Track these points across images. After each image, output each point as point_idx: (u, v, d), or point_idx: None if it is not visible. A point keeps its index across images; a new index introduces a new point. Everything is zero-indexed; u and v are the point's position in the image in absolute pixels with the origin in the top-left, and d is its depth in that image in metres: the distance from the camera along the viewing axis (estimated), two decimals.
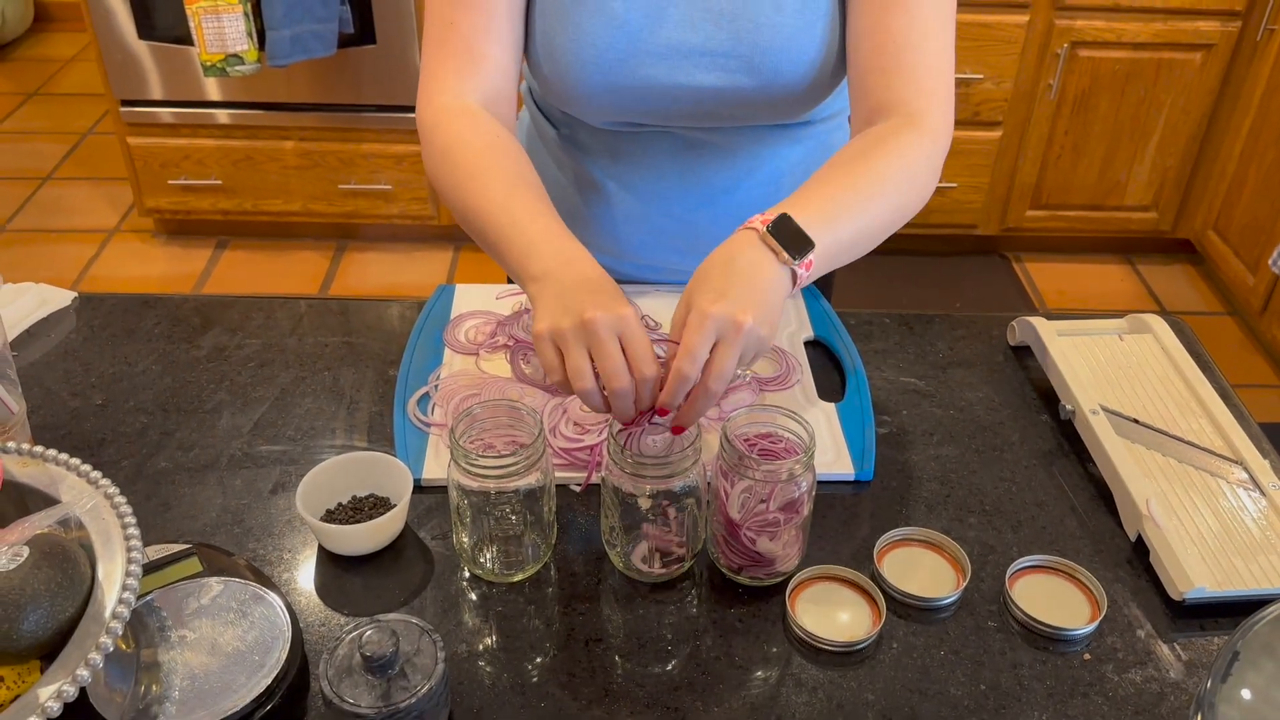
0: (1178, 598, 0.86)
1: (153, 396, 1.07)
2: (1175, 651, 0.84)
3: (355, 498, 0.92)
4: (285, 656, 0.76)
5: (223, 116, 2.80)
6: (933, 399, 1.09)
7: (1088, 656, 0.84)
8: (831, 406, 1.05)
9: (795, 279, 0.85)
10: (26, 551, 0.70)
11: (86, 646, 0.67)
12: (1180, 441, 0.99)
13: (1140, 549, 0.92)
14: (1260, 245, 2.66)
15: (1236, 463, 0.97)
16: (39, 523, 0.74)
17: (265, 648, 0.76)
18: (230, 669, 0.75)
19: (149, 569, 0.80)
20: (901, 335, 1.18)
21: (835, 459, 0.99)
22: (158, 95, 2.77)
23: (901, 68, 0.98)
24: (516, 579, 0.89)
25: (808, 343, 1.15)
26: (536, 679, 0.81)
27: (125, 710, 0.72)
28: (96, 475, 0.78)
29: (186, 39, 2.61)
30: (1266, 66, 2.62)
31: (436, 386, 1.06)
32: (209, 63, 2.47)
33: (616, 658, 0.83)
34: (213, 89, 2.76)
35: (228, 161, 2.87)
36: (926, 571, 0.89)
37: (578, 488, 0.97)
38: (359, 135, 2.84)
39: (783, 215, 0.86)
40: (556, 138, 1.17)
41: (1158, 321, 1.14)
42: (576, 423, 1.00)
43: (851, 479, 0.98)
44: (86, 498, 0.77)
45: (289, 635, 0.77)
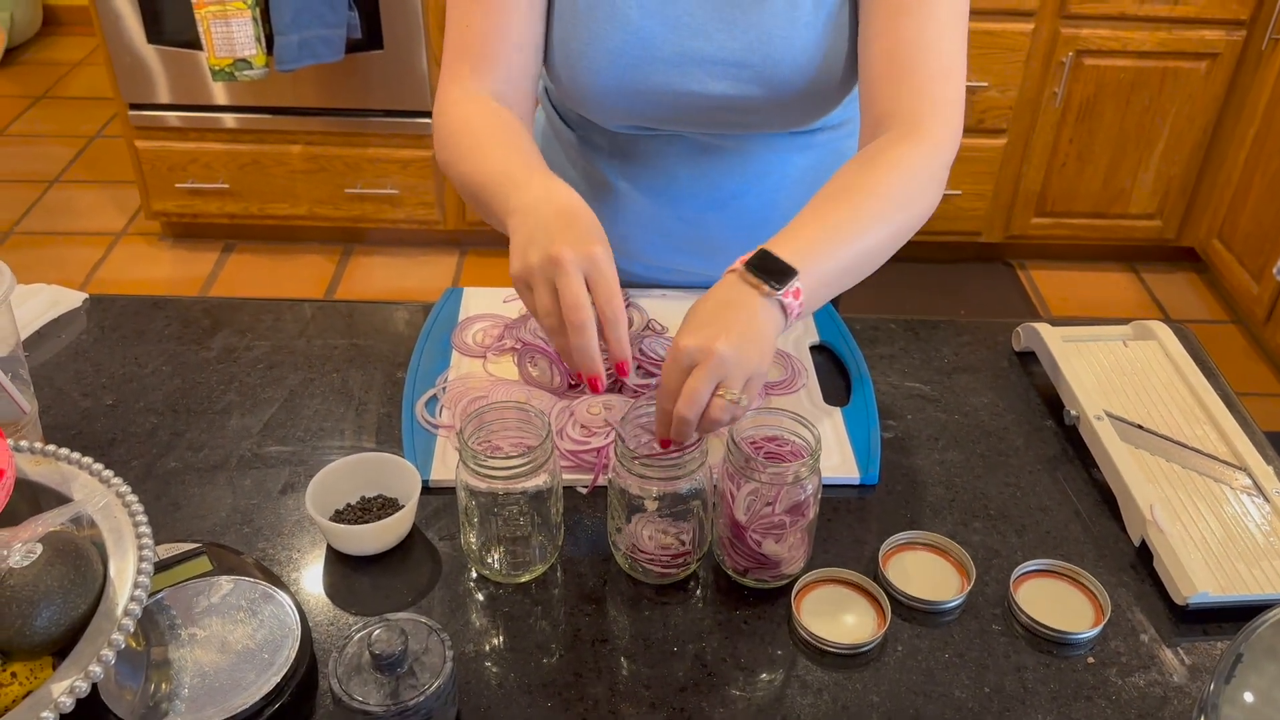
0: (1181, 602, 0.87)
1: (163, 397, 1.08)
2: (1179, 656, 0.85)
3: (364, 498, 0.93)
4: (294, 655, 0.76)
5: (230, 121, 2.82)
6: (938, 404, 1.10)
7: (1091, 660, 0.84)
8: (837, 411, 1.06)
9: (786, 309, 0.85)
10: (40, 549, 0.71)
11: (99, 643, 0.68)
12: (1184, 447, 1.00)
13: (1144, 554, 0.92)
14: (1264, 254, 2.66)
15: (1240, 469, 0.98)
16: (52, 520, 0.74)
17: (274, 646, 0.77)
18: (240, 667, 0.75)
19: (159, 568, 0.81)
20: (907, 340, 1.19)
21: (840, 463, 1.00)
22: (165, 99, 2.78)
23: (908, 75, 0.98)
24: (523, 580, 0.89)
25: (813, 348, 1.15)
26: (543, 679, 0.81)
27: (136, 707, 0.73)
28: (108, 474, 0.79)
29: (195, 43, 2.63)
30: (1271, 75, 2.63)
31: (444, 389, 1.07)
32: (217, 67, 2.48)
33: (622, 659, 0.83)
34: (220, 93, 2.77)
35: (235, 165, 2.88)
36: (931, 575, 0.90)
37: (585, 490, 0.97)
38: (365, 140, 2.85)
39: (762, 251, 0.86)
40: (571, 138, 1.18)
41: (1162, 328, 1.14)
42: (584, 425, 1.00)
43: (856, 483, 0.99)
44: (98, 496, 0.77)
45: (298, 634, 0.78)
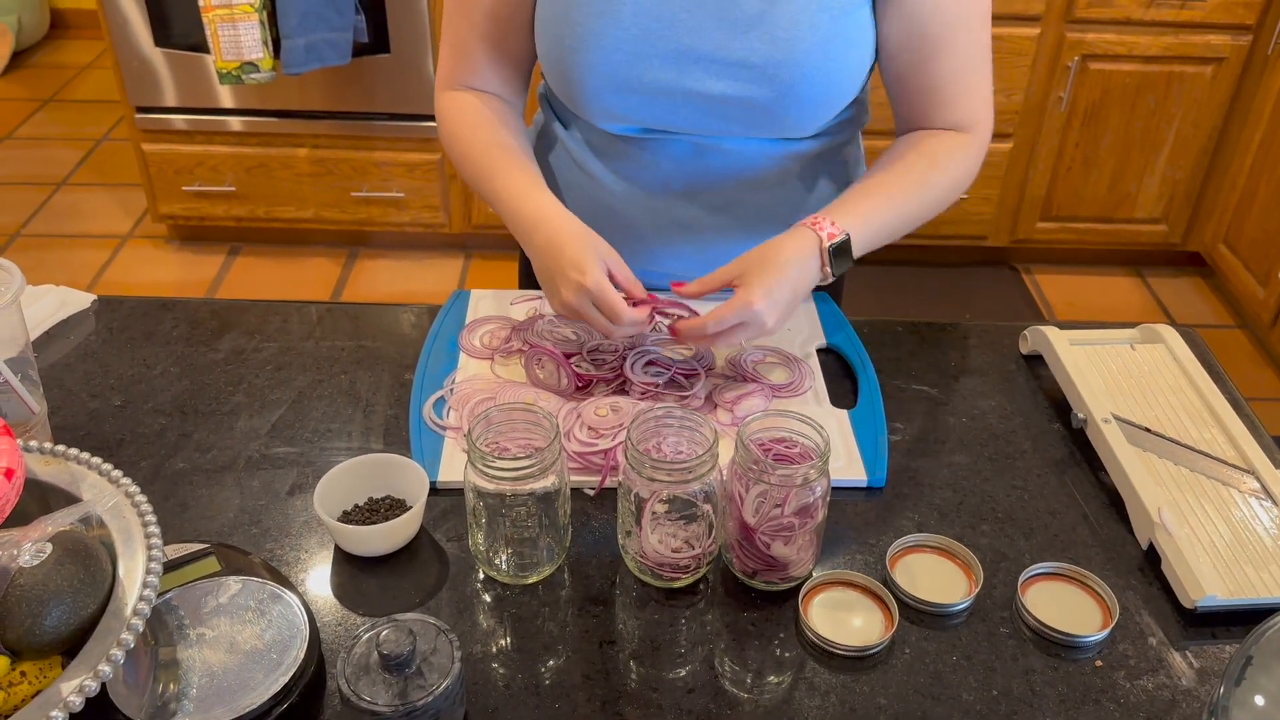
0: (1189, 606, 0.87)
1: (171, 398, 1.08)
2: (1187, 659, 0.84)
3: (372, 499, 0.93)
4: (303, 655, 0.77)
5: (237, 124, 2.82)
6: (945, 407, 1.10)
7: (1099, 663, 0.84)
8: (844, 413, 1.06)
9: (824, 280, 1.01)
10: (49, 548, 0.71)
11: (108, 643, 0.68)
12: (1192, 450, 1.00)
13: (1152, 557, 0.92)
14: (1270, 258, 2.66)
15: (1249, 472, 0.98)
16: (61, 520, 0.74)
17: (283, 646, 0.77)
18: (248, 667, 0.76)
19: (168, 568, 0.81)
20: (914, 343, 1.19)
21: (848, 465, 1.00)
22: (172, 102, 2.79)
23: (950, 102, 1.09)
24: (531, 581, 0.89)
25: (820, 350, 1.15)
26: (551, 681, 0.81)
27: (144, 706, 0.73)
28: (117, 474, 0.79)
29: (202, 46, 2.64)
30: (1277, 80, 2.63)
31: (452, 390, 1.07)
32: (224, 70, 2.48)
33: (630, 660, 0.83)
34: (227, 96, 2.77)
35: (241, 168, 2.89)
36: (939, 578, 0.90)
37: (592, 491, 0.97)
38: (372, 143, 2.85)
39: (846, 236, 1.01)
40: (569, 141, 1.18)
41: (1169, 331, 1.14)
42: (591, 427, 1.00)
43: (864, 485, 0.99)
44: (108, 496, 0.78)
45: (306, 634, 0.78)
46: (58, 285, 1.23)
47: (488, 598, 0.88)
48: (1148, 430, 1.02)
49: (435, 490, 0.97)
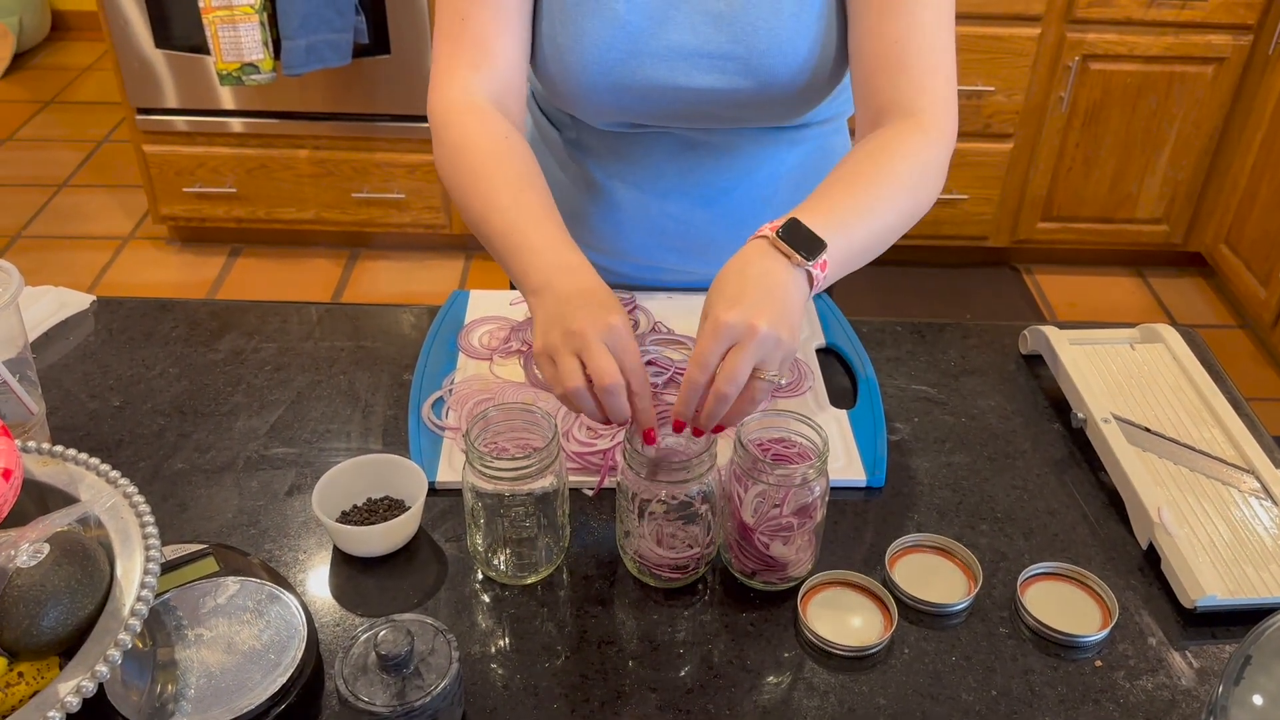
0: (1189, 605, 0.86)
1: (170, 399, 1.08)
2: (1187, 659, 0.84)
3: (370, 500, 0.93)
4: (301, 655, 0.76)
5: (237, 125, 2.82)
6: (944, 407, 1.09)
7: (1099, 663, 0.84)
8: (843, 413, 1.06)
9: (812, 281, 0.86)
10: (47, 549, 0.71)
11: (105, 643, 0.68)
12: (1192, 450, 1.00)
13: (1152, 557, 0.92)
14: (1271, 258, 2.65)
15: (1248, 472, 0.97)
16: (59, 521, 0.74)
17: (281, 647, 0.77)
18: (246, 667, 0.76)
19: (166, 568, 0.81)
20: (913, 343, 1.19)
21: (847, 465, 1.00)
22: (173, 104, 2.79)
23: (903, 70, 0.99)
24: (530, 581, 0.89)
25: (820, 350, 1.15)
26: (549, 681, 0.81)
27: (142, 707, 0.73)
28: (115, 475, 0.79)
29: (202, 48, 2.64)
30: (1278, 80, 2.62)
31: (451, 391, 1.07)
32: (225, 71, 2.49)
33: (629, 661, 0.83)
34: (228, 98, 2.78)
35: (242, 169, 2.89)
36: (938, 578, 0.90)
37: (590, 492, 0.97)
38: (372, 144, 2.85)
39: (792, 219, 0.86)
40: (558, 139, 1.18)
41: (1169, 331, 1.14)
42: (590, 427, 1.00)
43: (863, 485, 0.99)
44: (106, 497, 0.77)
45: (304, 634, 0.78)
46: (58, 286, 1.23)
47: (486, 598, 0.88)
48: (1147, 430, 1.01)
49: (434, 490, 0.97)
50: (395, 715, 0.70)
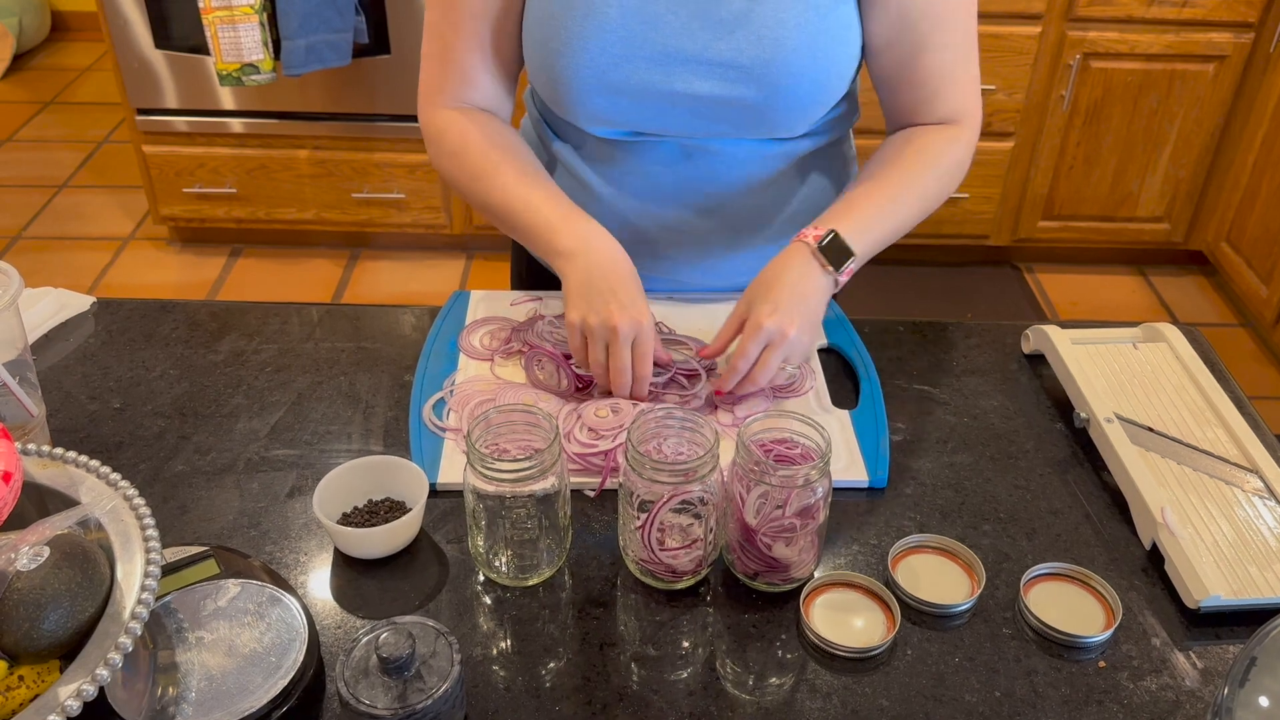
0: (1193, 606, 0.86)
1: (170, 400, 1.07)
2: (1190, 660, 0.84)
3: (371, 501, 0.93)
4: (302, 658, 0.76)
5: (237, 125, 2.82)
6: (947, 407, 1.09)
7: (1103, 664, 0.84)
8: (845, 413, 1.06)
9: (835, 286, 1.02)
10: (47, 552, 0.70)
11: (105, 646, 0.67)
12: (1195, 450, 0.99)
13: (1155, 557, 0.92)
14: (1273, 256, 2.65)
15: (1252, 471, 0.97)
16: (59, 523, 0.74)
17: (282, 649, 0.77)
18: (247, 670, 0.75)
19: (167, 571, 0.81)
20: (915, 343, 1.18)
21: (849, 465, 0.99)
22: (173, 104, 2.79)
23: (941, 98, 1.09)
24: (531, 583, 0.89)
25: (821, 350, 1.15)
26: (551, 683, 0.81)
27: (143, 710, 0.72)
28: (116, 477, 0.79)
29: (202, 48, 2.64)
30: (1279, 78, 2.62)
31: (451, 392, 1.06)
32: (225, 72, 2.48)
33: (631, 663, 0.83)
34: (228, 98, 2.77)
35: (242, 170, 2.89)
36: (940, 578, 0.89)
37: (592, 493, 0.97)
38: (372, 144, 2.85)
39: (832, 232, 1.01)
40: (556, 145, 1.18)
41: (1172, 330, 1.14)
42: (591, 428, 1.00)
43: (865, 486, 0.99)
44: (106, 499, 0.77)
45: (305, 637, 0.78)
46: (59, 288, 1.22)
47: (487, 600, 0.88)
48: (1150, 429, 1.01)
49: (435, 492, 0.96)
50: (397, 718, 0.70)
